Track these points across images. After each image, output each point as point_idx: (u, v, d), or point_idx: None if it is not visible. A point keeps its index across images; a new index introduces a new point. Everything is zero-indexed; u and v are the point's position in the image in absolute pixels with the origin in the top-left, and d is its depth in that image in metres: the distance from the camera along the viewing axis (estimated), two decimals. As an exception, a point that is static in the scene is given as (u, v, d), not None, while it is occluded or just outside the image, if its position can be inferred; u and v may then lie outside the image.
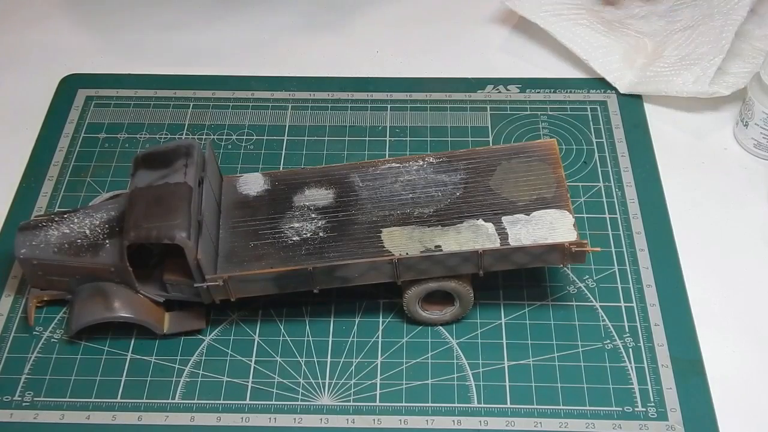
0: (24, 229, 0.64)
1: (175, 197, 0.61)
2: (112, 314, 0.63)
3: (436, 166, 0.66)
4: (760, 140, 0.75)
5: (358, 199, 0.65)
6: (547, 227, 0.62)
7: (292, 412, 0.61)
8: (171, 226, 0.60)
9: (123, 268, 0.62)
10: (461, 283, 0.62)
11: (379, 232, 0.63)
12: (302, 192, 0.66)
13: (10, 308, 0.67)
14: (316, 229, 0.63)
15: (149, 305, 0.64)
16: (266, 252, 0.62)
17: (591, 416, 0.61)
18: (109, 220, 0.64)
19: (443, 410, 0.61)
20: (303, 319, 0.66)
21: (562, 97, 0.80)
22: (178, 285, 0.62)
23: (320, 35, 0.87)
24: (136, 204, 0.61)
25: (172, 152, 0.64)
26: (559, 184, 0.64)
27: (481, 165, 0.66)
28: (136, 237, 0.60)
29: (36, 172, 0.76)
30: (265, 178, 0.67)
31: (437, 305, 0.65)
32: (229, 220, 0.65)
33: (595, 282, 0.68)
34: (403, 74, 0.83)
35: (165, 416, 0.61)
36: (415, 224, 0.63)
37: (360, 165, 0.67)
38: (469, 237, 0.62)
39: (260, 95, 0.81)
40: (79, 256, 0.63)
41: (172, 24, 0.88)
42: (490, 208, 0.63)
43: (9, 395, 0.63)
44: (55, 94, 0.82)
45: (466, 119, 0.79)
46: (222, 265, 0.62)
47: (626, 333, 0.65)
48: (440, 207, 0.64)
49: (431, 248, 0.61)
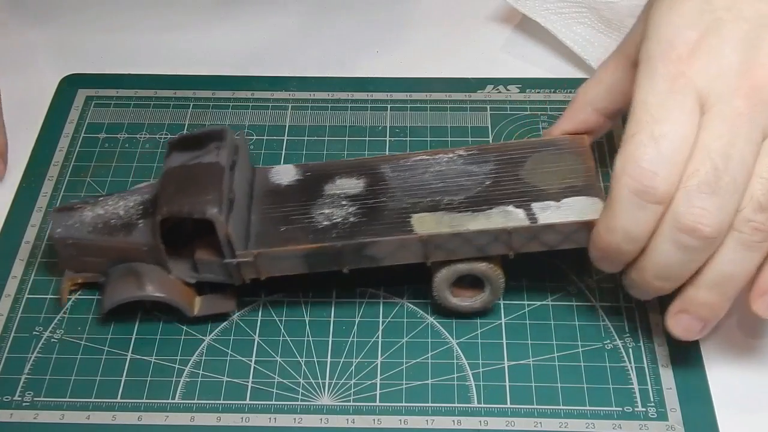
0: (59, 210, 0.66)
1: (208, 175, 0.62)
2: (144, 293, 0.63)
3: (466, 158, 0.67)
4: (760, 140, 0.75)
5: (389, 188, 0.66)
6: (577, 212, 0.62)
7: (292, 412, 0.61)
8: (203, 201, 0.60)
9: (156, 246, 0.63)
10: (491, 266, 0.63)
11: (409, 218, 0.63)
12: (333, 181, 0.66)
13: (10, 308, 0.67)
14: (346, 214, 0.64)
15: (181, 287, 0.64)
16: (296, 235, 0.63)
17: (591, 416, 0.61)
18: (143, 201, 0.65)
19: (443, 410, 0.61)
20: (303, 318, 0.66)
21: (562, 97, 0.80)
22: (209, 264, 0.63)
23: (320, 35, 0.87)
24: (169, 182, 0.62)
25: (205, 136, 0.65)
26: (591, 174, 0.65)
27: (512, 157, 0.67)
28: (168, 212, 0.61)
29: (36, 172, 0.76)
30: (297, 169, 0.68)
31: (467, 292, 0.65)
32: (260, 207, 0.65)
33: (595, 282, 0.68)
34: (403, 74, 0.83)
35: (165, 416, 0.61)
36: (445, 210, 0.63)
37: (391, 157, 0.68)
38: (499, 221, 0.62)
39: (260, 95, 0.81)
40: (113, 236, 0.64)
41: (172, 24, 0.88)
42: (520, 196, 0.63)
43: (9, 395, 0.63)
44: (55, 94, 0.82)
45: (466, 119, 0.79)
46: (252, 246, 0.63)
47: (626, 333, 0.65)
48: (470, 194, 0.64)
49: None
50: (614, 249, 0.58)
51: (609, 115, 0.68)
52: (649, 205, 0.55)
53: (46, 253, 0.70)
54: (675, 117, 0.56)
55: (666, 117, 0.56)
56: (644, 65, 0.58)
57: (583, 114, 0.68)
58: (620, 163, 0.56)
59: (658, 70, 0.57)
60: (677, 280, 0.58)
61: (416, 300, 0.67)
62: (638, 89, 0.58)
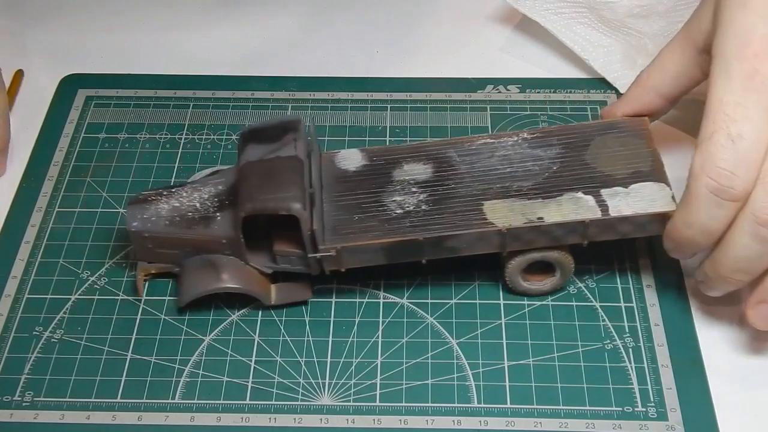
0: (134, 203, 0.66)
1: (288, 170, 0.62)
2: (224, 285, 0.64)
3: (530, 141, 0.68)
4: (760, 140, 0.75)
5: (457, 174, 0.66)
6: (646, 199, 0.63)
7: (292, 412, 0.61)
8: (286, 197, 0.61)
9: (236, 240, 0.63)
10: (563, 253, 0.64)
11: (480, 205, 0.64)
12: (401, 167, 0.67)
13: (10, 308, 0.67)
14: (418, 202, 0.65)
15: (257, 277, 0.65)
16: (371, 224, 0.63)
17: (591, 416, 0.61)
18: (217, 193, 0.66)
19: (443, 410, 0.61)
20: (303, 318, 0.66)
21: (562, 97, 0.80)
22: (287, 256, 0.64)
23: (320, 35, 0.87)
24: (249, 177, 0.63)
25: (279, 127, 0.66)
26: (654, 158, 0.66)
27: (575, 140, 0.68)
28: (252, 209, 0.61)
29: (36, 172, 0.76)
30: (363, 154, 0.68)
31: (537, 276, 0.66)
32: (330, 194, 0.66)
33: (595, 282, 0.68)
34: (403, 74, 0.83)
35: (165, 416, 0.61)
36: (515, 197, 0.64)
37: (455, 141, 0.69)
38: (571, 209, 0.63)
39: (260, 95, 0.81)
40: (191, 229, 0.64)
41: (172, 24, 0.88)
42: (587, 182, 0.65)
43: (9, 395, 0.63)
44: (55, 94, 0.82)
45: (466, 119, 0.79)
46: (329, 237, 0.63)
47: (626, 333, 0.65)
48: (538, 180, 0.65)
49: (533, 220, 0.63)
50: (689, 242, 0.60)
51: (672, 100, 0.69)
52: (727, 203, 0.57)
53: (46, 253, 0.70)
54: (751, 115, 0.56)
55: (742, 116, 0.56)
56: (718, 61, 0.59)
57: (647, 98, 0.69)
58: (698, 162, 0.57)
59: (733, 67, 0.58)
60: (755, 272, 0.59)
61: (416, 300, 0.67)
62: (713, 87, 0.58)
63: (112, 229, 0.71)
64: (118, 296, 0.68)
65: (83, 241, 0.71)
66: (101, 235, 0.71)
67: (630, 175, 0.65)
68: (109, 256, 0.70)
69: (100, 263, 0.69)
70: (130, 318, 0.66)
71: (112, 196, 0.74)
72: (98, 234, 0.71)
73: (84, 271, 0.69)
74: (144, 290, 0.67)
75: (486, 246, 0.63)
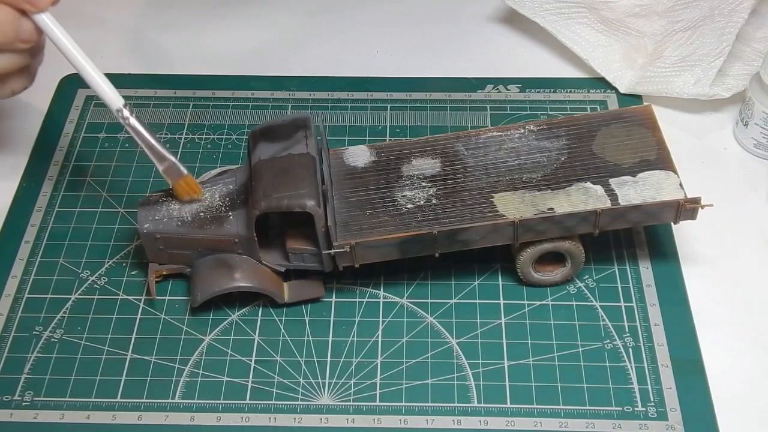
0: (144, 204, 0.65)
1: (301, 167, 0.63)
2: (237, 284, 0.64)
3: (537, 133, 0.68)
4: (760, 140, 0.75)
5: (466, 167, 0.67)
6: (654, 187, 0.64)
7: (292, 411, 0.61)
8: (300, 195, 0.61)
9: (249, 239, 0.63)
10: (574, 243, 0.64)
11: (491, 197, 0.64)
12: (409, 162, 0.67)
13: (10, 308, 0.67)
14: (428, 196, 0.65)
15: (271, 275, 0.65)
16: (383, 220, 0.64)
17: (591, 416, 0.61)
18: (228, 192, 0.65)
19: (443, 410, 0.61)
20: (303, 318, 0.66)
21: (562, 97, 0.80)
22: (300, 254, 0.64)
23: (320, 35, 0.87)
24: (263, 175, 0.63)
25: (290, 125, 0.66)
26: (661, 146, 0.66)
27: (582, 131, 0.68)
28: (266, 207, 0.61)
29: (36, 172, 0.76)
30: (371, 150, 0.69)
31: (548, 266, 0.66)
32: (341, 190, 0.66)
33: (595, 282, 0.68)
34: (403, 74, 0.83)
35: (165, 416, 0.61)
36: (525, 189, 0.65)
37: (462, 134, 0.69)
38: (580, 199, 0.64)
39: (260, 95, 0.81)
40: (203, 229, 0.64)
41: (172, 24, 0.88)
42: (595, 171, 0.65)
43: (9, 395, 0.63)
44: (55, 94, 0.82)
45: (466, 119, 0.79)
46: (341, 234, 0.63)
47: (626, 333, 0.65)
48: (547, 172, 0.66)
49: (544, 211, 0.63)
50: None
51: None
52: None
53: (46, 253, 0.70)
54: None
55: None
56: None
57: None
58: None
59: None
60: None
61: (416, 300, 0.67)
62: None
63: (112, 228, 0.71)
64: (118, 296, 0.68)
65: (83, 240, 0.71)
66: (101, 235, 0.71)
67: (637, 163, 0.65)
68: (109, 256, 0.70)
69: (100, 263, 0.69)
70: (130, 318, 0.66)
71: (112, 196, 0.74)
72: (98, 234, 0.71)
73: (84, 271, 0.69)
74: (155, 291, 0.66)
75: (498, 238, 0.63)
